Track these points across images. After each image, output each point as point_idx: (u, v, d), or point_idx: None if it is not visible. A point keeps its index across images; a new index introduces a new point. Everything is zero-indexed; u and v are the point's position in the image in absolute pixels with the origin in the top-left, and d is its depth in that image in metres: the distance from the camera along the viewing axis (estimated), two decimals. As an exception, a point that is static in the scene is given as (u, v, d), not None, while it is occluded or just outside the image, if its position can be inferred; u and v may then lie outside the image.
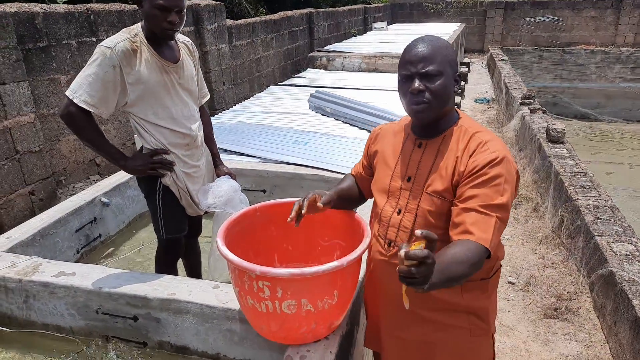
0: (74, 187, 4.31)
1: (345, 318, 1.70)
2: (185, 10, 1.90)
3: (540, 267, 3.29)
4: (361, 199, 1.73)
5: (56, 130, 4.11)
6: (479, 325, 1.45)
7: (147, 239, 3.13)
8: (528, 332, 2.71)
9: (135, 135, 3.71)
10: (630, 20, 15.42)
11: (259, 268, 1.40)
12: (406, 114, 1.43)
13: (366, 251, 1.51)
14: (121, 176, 3.25)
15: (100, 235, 3.00)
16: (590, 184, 3.53)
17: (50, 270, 2.09)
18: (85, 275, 2.04)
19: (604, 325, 2.58)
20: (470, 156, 1.30)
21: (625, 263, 2.53)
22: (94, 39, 4.39)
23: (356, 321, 1.89)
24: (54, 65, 4.02)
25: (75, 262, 2.67)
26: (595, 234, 2.85)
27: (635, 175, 7.54)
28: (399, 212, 1.42)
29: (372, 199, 1.60)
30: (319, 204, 1.52)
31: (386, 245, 1.45)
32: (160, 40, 1.93)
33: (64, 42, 4.09)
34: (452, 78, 1.34)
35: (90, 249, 2.91)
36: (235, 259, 1.44)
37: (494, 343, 1.53)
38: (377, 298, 1.60)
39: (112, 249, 3.02)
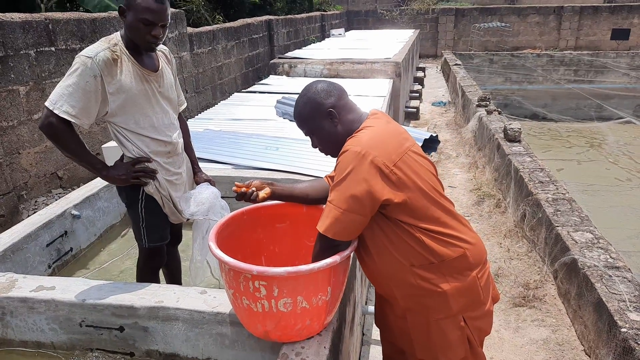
0: (36, 201, 4.17)
1: (336, 314, 1.76)
2: (169, 24, 1.91)
3: (506, 260, 3.47)
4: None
5: (16, 143, 3.96)
6: (436, 308, 1.54)
7: (120, 251, 3.07)
8: (499, 321, 2.86)
9: (103, 146, 3.65)
10: (571, 25, 16.40)
11: (255, 268, 1.43)
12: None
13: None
14: (90, 188, 3.18)
15: (71, 249, 2.92)
16: (548, 179, 3.76)
17: (28, 285, 2.03)
18: (66, 289, 2.00)
19: (569, 310, 2.76)
20: None
21: (585, 250, 2.72)
22: (52, 49, 4.28)
23: (344, 317, 1.95)
24: (12, 76, 3.89)
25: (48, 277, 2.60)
26: (556, 224, 3.05)
27: (582, 171, 7.99)
28: None
29: None
30: (262, 195, 1.72)
31: None
32: (140, 50, 1.94)
33: (21, 52, 3.96)
34: (324, 122, 1.55)
35: (62, 264, 2.83)
36: (231, 261, 1.47)
37: (467, 326, 1.57)
38: None
39: (84, 262, 2.95)
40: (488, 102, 6.71)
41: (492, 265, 3.41)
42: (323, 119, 1.54)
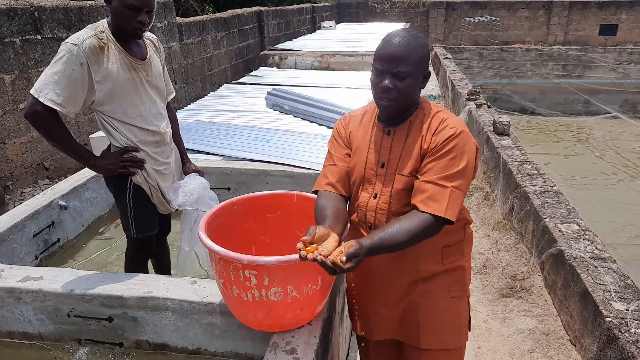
0: (22, 192, 4.11)
1: (326, 304, 1.76)
2: (155, 10, 1.89)
3: (494, 251, 3.51)
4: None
5: (1, 133, 3.90)
6: (456, 287, 1.59)
7: (108, 242, 3.05)
8: (487, 312, 2.89)
9: (90, 136, 3.61)
10: (560, 20, 16.50)
11: (246, 257, 1.43)
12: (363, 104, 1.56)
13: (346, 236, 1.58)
14: (78, 178, 3.15)
15: (59, 240, 2.89)
16: (536, 172, 3.79)
17: (15, 276, 2.01)
18: (54, 279, 1.98)
19: (555, 300, 2.80)
20: (433, 134, 1.44)
21: (572, 242, 2.75)
22: (39, 37, 4.20)
23: (334, 307, 1.95)
24: (-3, 64, 3.82)
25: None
26: (544, 217, 3.08)
27: (569, 164, 8.08)
28: (375, 197, 1.52)
29: None
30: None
31: (368, 229, 1.55)
32: (127, 37, 1.91)
33: (6, 39, 3.89)
34: (420, 76, 1.45)
35: (50, 254, 2.80)
36: (222, 250, 1.47)
37: (469, 306, 1.66)
38: (365, 281, 1.67)
39: (72, 253, 2.92)
40: (478, 96, 6.74)
41: (481, 257, 3.45)
42: (423, 72, 1.45)
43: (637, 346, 1.97)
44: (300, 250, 1.26)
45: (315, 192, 1.63)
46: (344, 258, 1.21)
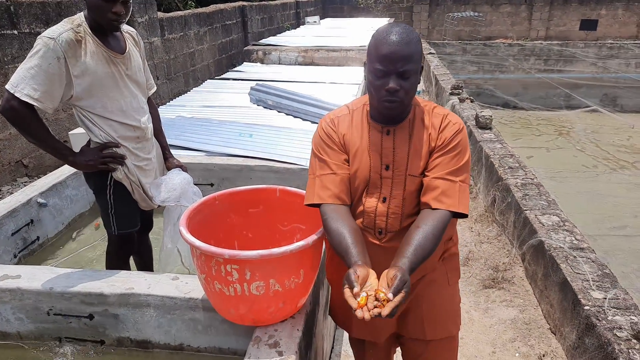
0: (0, 190, 4.04)
1: (309, 297, 1.77)
2: (131, 1, 1.86)
3: (477, 243, 3.55)
4: None
5: (-22, 130, 3.82)
6: (453, 274, 1.63)
7: (89, 240, 3.01)
8: (470, 302, 2.93)
9: (70, 133, 3.55)
10: (542, 15, 16.70)
11: (227, 252, 1.43)
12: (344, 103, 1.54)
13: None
14: (57, 175, 3.10)
15: (38, 238, 2.84)
16: (517, 165, 3.84)
17: (-9, 275, 1.97)
18: (32, 277, 1.95)
19: (535, 290, 2.85)
20: (439, 131, 1.42)
21: (552, 233, 2.80)
22: (15, 32, 4.11)
23: (317, 300, 1.96)
24: (-28, 59, 3.73)
25: (14, 266, 2.52)
26: (525, 208, 3.13)
27: (551, 158, 8.21)
28: (384, 201, 1.44)
29: None
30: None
31: (377, 234, 1.48)
32: (105, 30, 1.88)
33: (-19, 34, 3.80)
34: (419, 71, 1.38)
35: (29, 253, 2.76)
36: (203, 245, 1.46)
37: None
38: None
39: (52, 251, 2.88)
40: (461, 91, 6.79)
41: (463, 249, 3.48)
42: (420, 68, 1.38)
43: (613, 333, 2.01)
44: (356, 310, 1.17)
45: (313, 204, 1.47)
46: (390, 296, 1.15)
